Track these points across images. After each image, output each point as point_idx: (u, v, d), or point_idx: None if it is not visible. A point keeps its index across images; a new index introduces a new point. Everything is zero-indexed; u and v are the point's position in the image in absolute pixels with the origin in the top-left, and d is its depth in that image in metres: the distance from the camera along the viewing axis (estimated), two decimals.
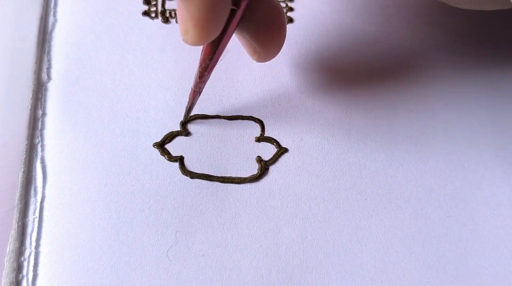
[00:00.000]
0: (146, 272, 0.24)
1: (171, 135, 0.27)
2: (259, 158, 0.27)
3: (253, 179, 0.26)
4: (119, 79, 0.28)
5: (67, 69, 0.28)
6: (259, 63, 0.25)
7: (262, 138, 0.27)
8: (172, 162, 0.26)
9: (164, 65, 0.29)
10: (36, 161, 0.26)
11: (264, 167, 0.26)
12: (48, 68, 0.29)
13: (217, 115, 0.28)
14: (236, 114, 0.28)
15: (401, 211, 0.26)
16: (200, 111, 0.28)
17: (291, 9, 0.30)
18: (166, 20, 0.30)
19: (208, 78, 0.24)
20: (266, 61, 0.24)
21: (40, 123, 0.27)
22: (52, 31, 0.29)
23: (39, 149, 0.27)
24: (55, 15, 0.30)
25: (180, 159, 0.27)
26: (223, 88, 0.28)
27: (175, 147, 0.27)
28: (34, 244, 0.25)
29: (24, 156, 0.26)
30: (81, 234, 0.25)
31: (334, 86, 0.28)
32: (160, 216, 0.25)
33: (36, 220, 0.25)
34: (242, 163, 0.27)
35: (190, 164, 0.27)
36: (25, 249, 0.25)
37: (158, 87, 0.28)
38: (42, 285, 0.24)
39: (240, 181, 0.26)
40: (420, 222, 0.26)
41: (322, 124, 0.28)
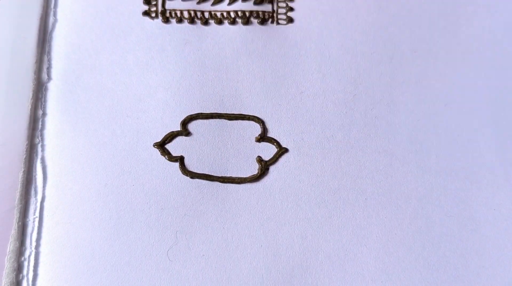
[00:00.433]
0: (146, 272, 0.24)
1: (171, 135, 0.27)
2: (259, 158, 0.27)
3: (253, 179, 0.26)
4: (119, 79, 0.28)
5: (67, 69, 0.28)
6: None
7: (262, 138, 0.27)
8: (172, 162, 0.26)
9: (164, 65, 0.29)
10: (36, 161, 0.26)
11: (264, 167, 0.26)
12: (48, 68, 0.29)
13: (217, 115, 0.28)
14: (236, 115, 0.28)
15: (401, 211, 0.26)
16: (201, 111, 0.28)
17: (291, 9, 0.30)
18: (166, 20, 0.30)
19: None
20: None
21: (40, 123, 0.27)
22: (52, 31, 0.29)
23: (39, 149, 0.27)
24: (55, 15, 0.30)
25: (180, 159, 0.26)
26: (224, 88, 0.28)
27: (175, 147, 0.27)
28: (34, 244, 0.25)
29: (24, 156, 0.26)
30: (81, 234, 0.25)
31: (334, 86, 0.28)
32: (160, 216, 0.25)
33: (36, 220, 0.25)
34: (242, 163, 0.27)
35: (190, 164, 0.27)
36: (25, 249, 0.25)
37: (158, 87, 0.28)
38: (42, 285, 0.24)
39: (240, 181, 0.26)
40: (421, 222, 0.26)
41: (323, 124, 0.28)
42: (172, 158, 0.26)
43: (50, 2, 0.30)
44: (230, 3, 0.30)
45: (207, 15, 0.30)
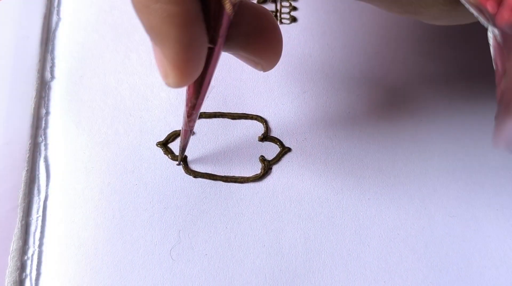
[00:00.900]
0: (149, 271, 0.24)
1: (174, 134, 0.27)
2: (262, 158, 0.27)
3: (256, 178, 0.26)
4: (123, 78, 0.28)
5: (71, 68, 0.28)
6: (266, 72, 0.23)
7: (265, 138, 0.27)
8: (175, 161, 0.26)
9: None
10: (39, 160, 0.26)
11: (267, 166, 0.26)
12: (52, 67, 0.29)
13: (220, 115, 0.28)
14: (239, 114, 0.28)
15: (404, 211, 0.26)
16: (204, 110, 0.28)
17: (295, 8, 0.30)
18: None
19: (197, 117, 0.23)
20: (271, 68, 0.23)
21: (43, 122, 0.27)
22: (55, 30, 0.29)
23: (42, 148, 0.27)
24: (58, 14, 0.30)
25: (183, 159, 0.26)
26: (227, 87, 0.28)
27: (178, 147, 0.27)
28: (37, 243, 0.25)
29: (27, 155, 0.26)
30: (84, 233, 0.25)
31: (337, 86, 0.28)
32: (163, 215, 0.25)
33: (40, 219, 0.25)
34: (245, 162, 0.27)
35: (193, 163, 0.27)
36: (28, 248, 0.25)
37: (162, 86, 0.28)
38: (45, 284, 0.24)
39: (243, 180, 0.26)
40: (423, 222, 0.26)
41: (326, 124, 0.28)
42: (175, 157, 0.26)
43: (53, 1, 0.30)
44: None
45: None
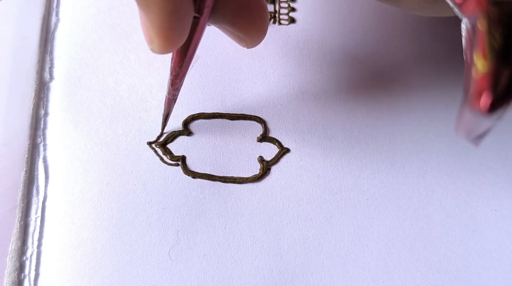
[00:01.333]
0: (147, 272, 0.24)
1: (173, 134, 0.27)
2: (261, 158, 0.27)
3: (255, 179, 0.26)
4: (121, 78, 0.28)
5: (70, 68, 0.29)
6: (249, 48, 0.24)
7: (264, 138, 0.27)
8: (174, 161, 0.26)
9: (166, 64, 0.29)
10: (38, 161, 0.26)
11: (266, 167, 0.27)
12: (51, 67, 0.29)
13: (219, 115, 0.28)
14: (238, 114, 0.28)
15: (402, 211, 0.26)
16: (202, 110, 0.28)
17: (293, 9, 0.30)
18: None
19: (181, 86, 0.24)
20: (255, 45, 0.24)
21: (42, 122, 0.27)
22: (54, 30, 0.29)
23: (41, 148, 0.27)
24: (57, 14, 0.30)
25: (182, 159, 0.27)
26: (225, 88, 0.28)
27: (177, 147, 0.27)
28: (36, 244, 0.25)
29: (26, 155, 0.26)
30: (83, 233, 0.25)
31: (336, 87, 0.28)
32: (162, 216, 0.25)
33: (38, 220, 0.25)
34: (244, 163, 0.27)
35: (192, 163, 0.27)
36: (27, 248, 0.25)
37: (160, 86, 0.28)
38: (44, 284, 0.24)
39: (242, 181, 0.26)
40: (422, 223, 0.26)
41: (324, 125, 0.28)
42: (174, 158, 0.26)
43: (52, 2, 0.30)
44: None
45: None
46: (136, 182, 0.26)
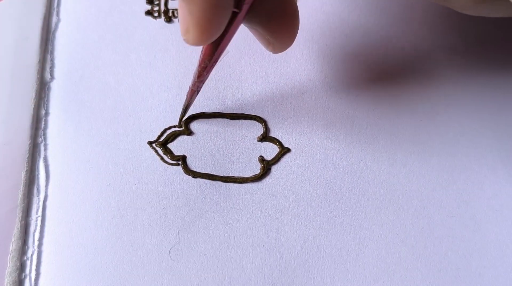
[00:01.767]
0: (148, 271, 0.24)
1: (173, 134, 0.27)
2: (261, 158, 0.27)
3: (255, 178, 0.26)
4: (122, 78, 0.28)
5: (70, 68, 0.29)
6: (275, 54, 0.24)
7: (264, 138, 0.27)
8: (175, 161, 0.26)
9: (167, 64, 0.29)
10: (39, 161, 0.26)
11: (266, 166, 0.27)
12: (51, 67, 0.29)
13: (219, 115, 0.28)
14: (238, 114, 0.28)
15: (403, 211, 0.26)
16: (203, 110, 0.28)
17: None
18: (169, 20, 0.30)
19: (207, 78, 0.24)
20: (281, 51, 0.24)
21: (43, 122, 0.27)
22: (55, 30, 0.29)
23: (42, 148, 0.27)
24: (58, 14, 0.30)
25: (182, 159, 0.27)
26: (226, 87, 0.28)
27: (177, 147, 0.27)
28: (36, 243, 0.25)
29: (27, 155, 0.26)
30: (83, 233, 0.25)
31: (336, 86, 0.28)
32: (162, 216, 0.25)
33: (39, 219, 0.25)
34: (244, 162, 0.27)
35: (192, 163, 0.27)
36: (28, 248, 0.25)
37: (161, 86, 0.28)
38: (45, 284, 0.24)
39: (243, 180, 0.26)
40: (422, 222, 0.26)
41: (325, 124, 0.28)
42: (174, 158, 0.26)
43: (53, 2, 0.30)
44: None
45: None
46: (136, 181, 0.26)
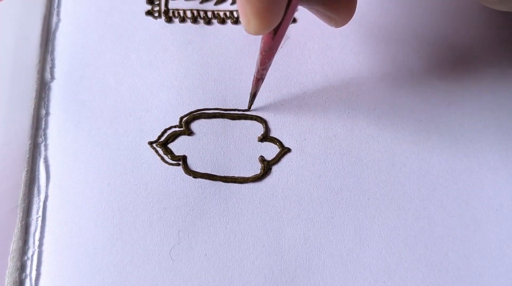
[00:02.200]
0: (148, 271, 0.24)
1: (174, 134, 0.27)
2: (262, 158, 0.27)
3: (256, 178, 0.26)
4: (122, 78, 0.28)
5: (71, 68, 0.29)
6: (338, 28, 0.25)
7: (265, 138, 0.27)
8: (175, 161, 0.26)
9: (167, 64, 0.29)
10: (39, 161, 0.26)
11: (267, 167, 0.27)
12: (52, 67, 0.29)
13: (220, 115, 0.28)
14: (239, 114, 0.28)
15: (403, 211, 0.26)
16: (203, 110, 0.28)
17: None
18: (169, 20, 0.30)
19: (270, 65, 0.24)
20: (344, 24, 0.24)
21: (43, 122, 0.27)
22: (55, 30, 0.29)
23: (42, 148, 0.27)
24: (58, 14, 0.30)
25: (183, 159, 0.27)
26: (226, 88, 0.28)
27: (178, 147, 0.27)
28: (37, 243, 0.25)
29: (27, 155, 0.26)
30: (84, 233, 0.25)
31: (337, 86, 0.28)
32: (163, 216, 0.25)
33: (40, 219, 0.25)
34: (245, 162, 0.27)
35: (193, 163, 0.27)
36: (28, 248, 0.25)
37: (161, 86, 0.28)
38: (45, 284, 0.24)
39: (243, 180, 0.26)
40: (423, 222, 0.26)
41: (325, 124, 0.28)
42: (175, 158, 0.26)
43: (53, 2, 0.30)
44: (233, 3, 0.30)
45: (210, 14, 0.30)
46: (137, 182, 0.26)
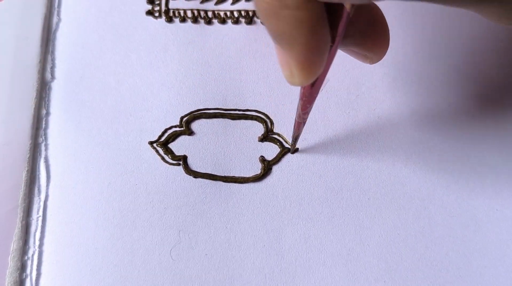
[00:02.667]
0: (149, 271, 0.24)
1: (174, 134, 0.27)
2: (262, 158, 0.27)
3: (256, 178, 0.26)
4: (123, 78, 0.28)
5: (71, 68, 0.29)
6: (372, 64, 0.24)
7: (265, 138, 0.27)
8: (176, 161, 0.26)
9: (167, 64, 0.29)
10: (39, 160, 0.26)
11: (267, 166, 0.27)
12: (52, 67, 0.29)
13: (220, 115, 0.28)
14: (239, 114, 0.28)
15: (404, 211, 0.26)
16: (204, 110, 0.28)
17: None
18: (169, 20, 0.30)
19: (311, 109, 0.24)
20: (379, 60, 0.24)
21: (43, 122, 0.27)
22: (56, 30, 0.29)
23: (42, 148, 0.27)
24: (58, 14, 0.30)
25: (183, 159, 0.27)
26: (227, 88, 0.28)
27: (178, 147, 0.27)
28: (37, 243, 0.25)
29: (27, 155, 0.26)
30: (84, 233, 0.25)
31: (336, 86, 0.28)
32: (163, 216, 0.25)
33: (40, 219, 0.25)
34: (245, 162, 0.27)
35: (193, 163, 0.27)
36: (28, 248, 0.25)
37: (162, 86, 0.28)
38: (46, 284, 0.24)
39: (243, 180, 0.26)
40: (423, 222, 0.26)
41: (325, 124, 0.28)
42: (175, 158, 0.26)
43: (53, 2, 0.30)
44: (233, 3, 0.30)
45: (210, 14, 0.30)
46: (137, 181, 0.26)
